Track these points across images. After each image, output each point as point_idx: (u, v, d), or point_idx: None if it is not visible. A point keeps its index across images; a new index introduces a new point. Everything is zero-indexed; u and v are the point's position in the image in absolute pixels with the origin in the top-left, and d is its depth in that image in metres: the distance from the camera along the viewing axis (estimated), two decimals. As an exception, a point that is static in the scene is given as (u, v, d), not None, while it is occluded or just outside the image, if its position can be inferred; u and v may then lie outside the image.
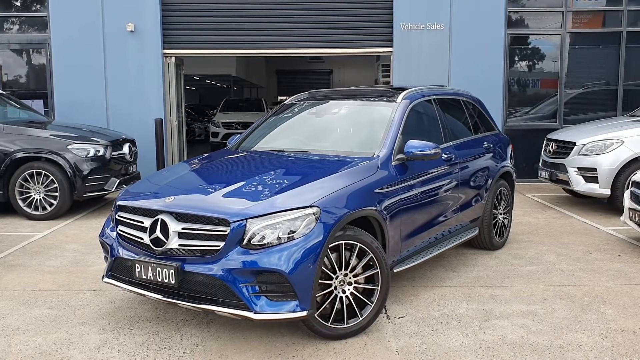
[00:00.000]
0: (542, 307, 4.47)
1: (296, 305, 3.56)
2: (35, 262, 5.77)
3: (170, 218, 3.76)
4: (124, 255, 3.97)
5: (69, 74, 10.80)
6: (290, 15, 11.03)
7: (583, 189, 7.88)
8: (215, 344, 3.85)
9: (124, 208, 4.12)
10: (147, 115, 10.73)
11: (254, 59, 26.44)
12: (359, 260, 3.92)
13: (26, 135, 7.90)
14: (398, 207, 4.40)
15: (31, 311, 4.47)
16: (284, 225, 3.61)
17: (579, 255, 5.93)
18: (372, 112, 5.21)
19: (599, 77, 11.26)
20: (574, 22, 10.98)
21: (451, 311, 4.41)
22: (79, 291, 4.93)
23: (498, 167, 6.07)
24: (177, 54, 11.18)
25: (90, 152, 7.92)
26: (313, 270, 3.59)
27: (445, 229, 5.21)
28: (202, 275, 3.61)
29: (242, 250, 3.57)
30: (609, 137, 7.79)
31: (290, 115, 5.61)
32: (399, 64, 10.86)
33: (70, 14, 10.72)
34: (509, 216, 6.40)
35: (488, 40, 10.74)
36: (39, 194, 7.77)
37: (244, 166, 4.77)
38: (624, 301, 4.61)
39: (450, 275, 5.28)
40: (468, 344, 3.83)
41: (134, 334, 4.02)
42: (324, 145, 4.96)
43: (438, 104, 5.53)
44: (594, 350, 3.74)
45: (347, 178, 4.10)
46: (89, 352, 3.75)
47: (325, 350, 3.75)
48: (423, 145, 4.52)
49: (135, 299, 4.67)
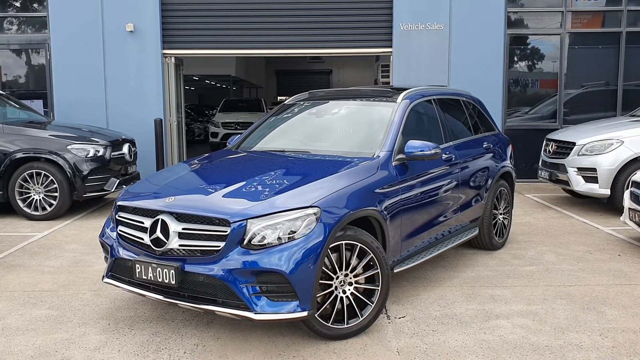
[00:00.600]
0: (543, 307, 4.47)
1: (297, 305, 3.55)
2: (35, 263, 5.77)
3: (171, 218, 3.76)
4: (124, 256, 3.97)
5: (68, 74, 10.80)
6: (289, 16, 11.03)
7: (583, 189, 7.88)
8: (215, 344, 3.85)
9: (124, 208, 4.12)
10: (147, 115, 10.73)
11: (253, 59, 26.43)
12: (360, 260, 3.92)
13: (26, 136, 7.90)
14: (398, 207, 4.40)
15: (31, 311, 4.47)
16: (284, 225, 3.61)
17: (579, 255, 5.93)
18: (372, 112, 5.21)
19: (598, 77, 11.27)
20: (573, 22, 10.99)
21: (451, 311, 4.41)
22: (79, 291, 4.93)
23: (498, 167, 6.07)
24: (176, 54, 11.18)
25: (90, 153, 7.92)
26: (313, 271, 3.59)
27: (445, 229, 5.21)
28: (202, 275, 3.61)
29: (243, 251, 3.57)
30: (608, 137, 7.79)
31: (290, 115, 5.61)
32: (399, 64, 10.86)
33: (70, 14, 10.72)
34: (509, 216, 6.40)
35: (488, 40, 10.74)
36: (39, 194, 7.76)
37: (244, 166, 4.77)
38: (624, 301, 4.61)
39: (450, 276, 5.28)
40: (468, 344, 3.83)
41: (134, 335, 4.02)
42: (324, 146, 4.96)
43: (438, 104, 5.53)
44: (595, 350, 3.74)
45: (348, 178, 4.10)
46: (89, 353, 3.74)
47: (325, 350, 3.74)
48: (423, 145, 4.52)
49: (135, 299, 4.67)
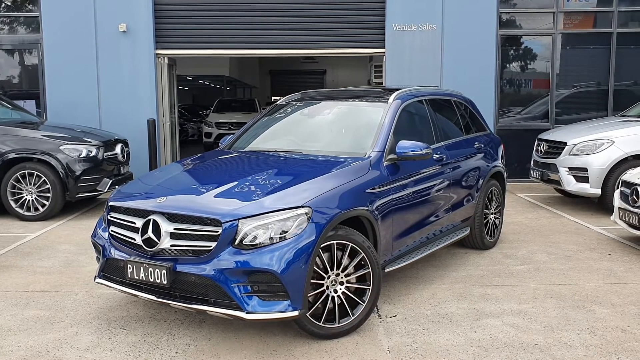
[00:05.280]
0: (533, 306, 4.51)
1: (288, 305, 3.57)
2: (27, 263, 5.76)
3: (162, 218, 3.77)
4: (116, 256, 3.98)
5: (61, 74, 10.77)
6: (283, 16, 11.04)
7: (574, 189, 7.93)
8: (207, 344, 3.86)
9: (116, 209, 4.12)
10: (140, 115, 10.72)
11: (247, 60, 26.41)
12: (351, 259, 3.94)
13: (18, 136, 7.87)
14: (390, 207, 4.42)
15: (23, 312, 4.47)
16: (275, 225, 3.63)
17: (570, 254, 5.97)
18: (363, 112, 5.23)
19: (590, 77, 11.34)
20: (565, 22, 11.05)
21: (442, 310, 4.43)
22: (71, 292, 4.93)
23: (489, 167, 6.11)
24: (169, 54, 11.17)
25: (82, 153, 7.91)
26: (305, 270, 3.60)
27: (436, 228, 5.24)
28: (194, 275, 3.62)
29: (234, 251, 3.58)
30: (599, 137, 7.84)
31: (282, 115, 5.62)
32: (392, 65, 10.89)
33: (63, 14, 10.69)
34: (501, 216, 6.43)
35: (480, 40, 10.78)
36: (31, 195, 7.74)
37: (236, 166, 4.78)
38: (614, 300, 4.65)
39: (441, 275, 5.31)
40: (459, 343, 3.85)
41: (127, 335, 4.03)
42: (316, 146, 4.98)
43: (429, 104, 5.56)
44: (584, 348, 3.77)
45: (339, 178, 4.11)
46: (81, 353, 3.75)
47: (317, 349, 3.76)
48: (414, 145, 4.55)
49: (127, 299, 4.68)
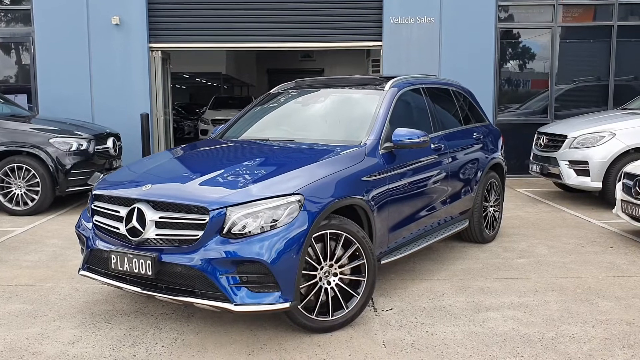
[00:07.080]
0: (534, 299, 4.35)
1: (278, 296, 3.41)
2: (13, 257, 5.59)
3: (147, 207, 3.60)
4: (100, 247, 3.81)
5: (53, 68, 10.60)
6: (279, 9, 10.88)
7: (574, 183, 7.78)
8: (195, 338, 3.70)
9: (101, 197, 3.95)
10: (133, 110, 10.56)
11: (244, 58, 26.24)
12: (345, 250, 3.78)
13: (7, 129, 7.69)
14: (386, 197, 4.26)
15: (5, 306, 4.30)
16: (265, 213, 3.47)
17: (571, 247, 5.82)
18: (359, 100, 5.06)
19: (590, 71, 11.19)
20: (564, 15, 10.90)
21: (440, 304, 4.28)
22: (56, 285, 4.76)
23: (488, 159, 5.95)
24: (163, 47, 11.00)
25: (73, 146, 7.74)
26: (296, 261, 3.44)
27: (434, 220, 5.08)
28: (180, 266, 3.46)
29: (222, 240, 3.42)
30: (600, 130, 7.68)
31: (276, 104, 5.46)
32: (389, 58, 10.74)
33: (54, 7, 10.51)
34: (500, 209, 6.28)
35: (478, 33, 10.63)
36: (20, 189, 7.57)
37: (226, 155, 4.61)
38: (618, 293, 4.49)
39: (439, 268, 5.15)
40: (457, 336, 3.70)
41: (111, 328, 3.86)
42: (310, 134, 4.80)
43: (427, 93, 5.40)
44: (587, 342, 3.62)
45: (333, 165, 3.95)
46: (62, 347, 3.59)
47: (309, 343, 3.60)
48: (411, 133, 4.39)
49: (114, 292, 4.51)
